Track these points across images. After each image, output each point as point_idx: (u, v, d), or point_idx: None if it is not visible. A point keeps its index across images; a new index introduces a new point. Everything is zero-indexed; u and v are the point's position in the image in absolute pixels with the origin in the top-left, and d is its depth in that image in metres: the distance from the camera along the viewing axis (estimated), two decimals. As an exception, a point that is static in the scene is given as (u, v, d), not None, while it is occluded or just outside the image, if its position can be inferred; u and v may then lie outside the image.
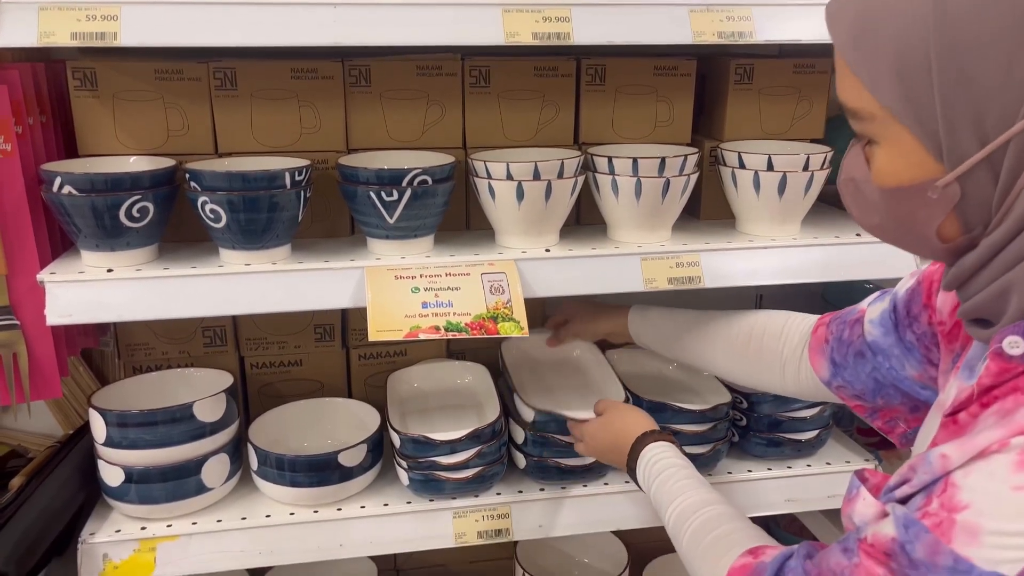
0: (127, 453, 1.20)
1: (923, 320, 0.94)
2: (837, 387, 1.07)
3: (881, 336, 0.99)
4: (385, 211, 1.17)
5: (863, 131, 0.74)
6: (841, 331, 1.06)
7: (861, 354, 1.02)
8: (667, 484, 1.06)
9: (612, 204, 1.26)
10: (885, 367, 0.99)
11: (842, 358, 1.05)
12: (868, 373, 1.01)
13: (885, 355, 0.99)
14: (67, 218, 1.11)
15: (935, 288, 0.92)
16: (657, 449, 1.12)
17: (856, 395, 1.05)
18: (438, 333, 1.14)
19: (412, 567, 1.61)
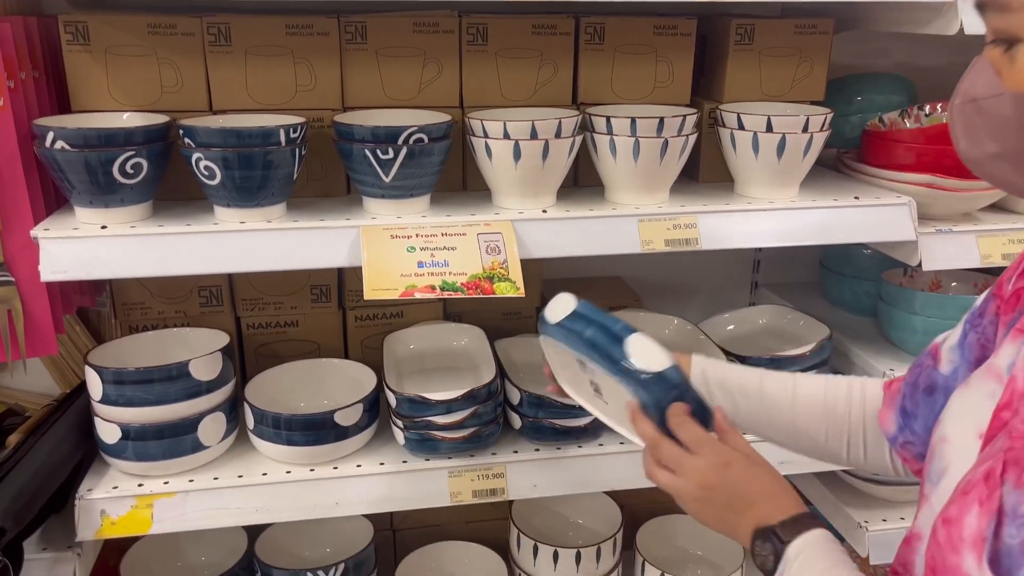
0: (123, 411, 1.21)
1: (990, 311, 0.84)
2: (903, 444, 0.93)
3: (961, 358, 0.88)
4: (381, 170, 1.16)
5: (1007, 26, 0.65)
6: (916, 376, 0.93)
7: (931, 390, 0.90)
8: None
9: (610, 165, 1.25)
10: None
11: (913, 405, 0.92)
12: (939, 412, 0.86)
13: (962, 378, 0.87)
14: (60, 174, 1.10)
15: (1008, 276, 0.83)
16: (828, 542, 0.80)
17: (921, 454, 0.90)
18: (434, 292, 1.13)
19: (408, 527, 1.62)
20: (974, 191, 1.32)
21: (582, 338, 0.91)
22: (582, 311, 0.93)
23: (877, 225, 1.30)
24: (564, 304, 0.95)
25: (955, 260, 1.33)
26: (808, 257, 1.85)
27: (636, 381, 0.87)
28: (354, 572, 1.40)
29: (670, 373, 0.87)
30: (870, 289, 1.64)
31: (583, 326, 0.92)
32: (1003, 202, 1.43)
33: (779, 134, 1.25)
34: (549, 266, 1.67)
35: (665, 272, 1.81)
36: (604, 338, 0.89)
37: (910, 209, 1.30)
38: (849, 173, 1.47)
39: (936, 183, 1.30)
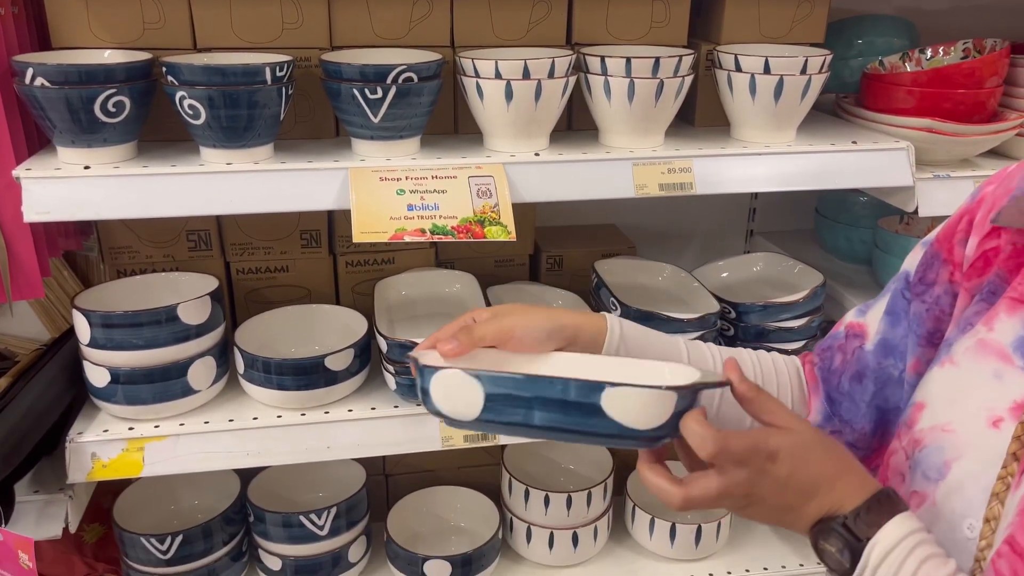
0: (112, 354, 1.20)
1: (942, 280, 0.79)
2: (829, 433, 0.87)
3: (891, 328, 0.83)
4: (369, 110, 1.14)
5: None
6: (830, 360, 0.89)
7: (859, 376, 0.86)
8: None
9: (604, 107, 1.23)
10: (896, 373, 0.83)
11: (836, 391, 0.88)
12: (868, 401, 0.85)
13: (895, 353, 0.83)
14: (41, 112, 1.08)
15: (959, 239, 0.79)
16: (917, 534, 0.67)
17: (852, 441, 0.87)
18: (423, 236, 1.12)
19: (400, 472, 1.63)
20: (973, 136, 1.30)
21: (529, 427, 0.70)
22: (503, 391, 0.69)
23: (874, 170, 1.28)
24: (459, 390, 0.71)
25: (952, 206, 1.28)
26: (804, 204, 1.83)
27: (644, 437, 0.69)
28: (346, 516, 1.41)
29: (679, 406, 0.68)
30: (865, 237, 1.63)
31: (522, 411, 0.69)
32: (1002, 148, 1.41)
33: (777, 76, 1.22)
34: (543, 214, 1.66)
35: (659, 219, 1.80)
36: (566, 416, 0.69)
37: (908, 154, 1.28)
38: (847, 118, 1.44)
39: (935, 127, 1.28)
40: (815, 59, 1.23)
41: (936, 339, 0.80)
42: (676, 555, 1.53)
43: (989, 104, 1.35)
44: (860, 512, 0.68)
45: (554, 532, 1.49)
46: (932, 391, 0.74)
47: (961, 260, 0.78)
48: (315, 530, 1.39)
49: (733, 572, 1.52)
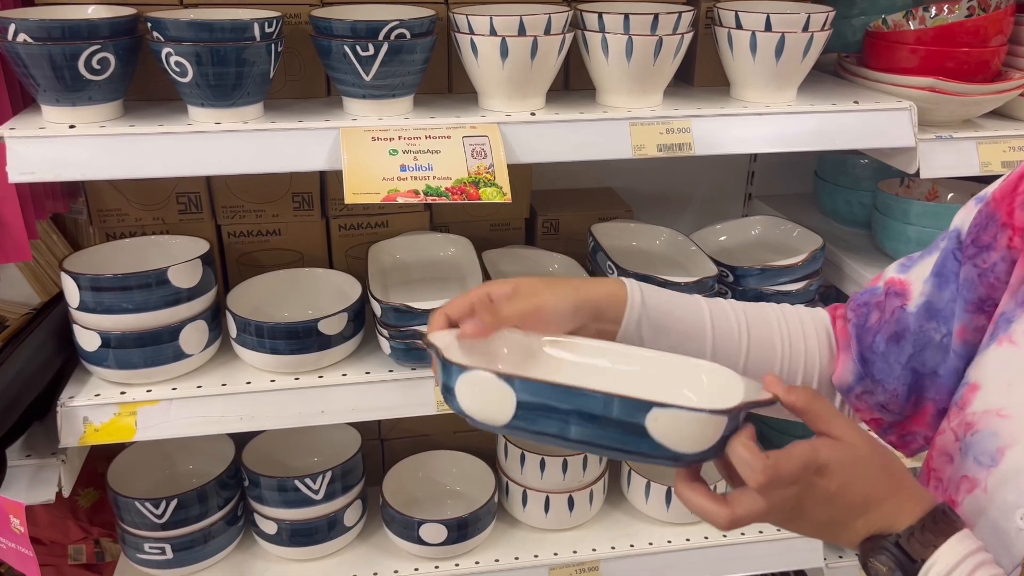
0: (102, 318, 1.18)
1: (999, 245, 0.74)
2: (860, 394, 0.84)
3: (937, 291, 0.78)
4: (361, 67, 1.11)
5: None
6: (865, 317, 0.84)
7: (897, 337, 0.81)
8: None
9: (601, 65, 1.20)
10: (937, 338, 0.78)
11: (870, 351, 0.83)
12: (905, 363, 0.81)
13: (940, 317, 0.78)
14: (25, 70, 1.05)
15: (1019, 202, 0.73)
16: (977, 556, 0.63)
17: (881, 403, 0.83)
18: (417, 197, 1.10)
19: (396, 436, 1.63)
20: (976, 95, 1.28)
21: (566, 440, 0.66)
22: (539, 401, 0.65)
23: (876, 131, 1.26)
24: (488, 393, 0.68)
25: (954, 168, 1.30)
26: (803, 167, 1.81)
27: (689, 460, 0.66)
28: (342, 480, 1.41)
29: (728, 428, 0.65)
30: (865, 200, 1.61)
31: (558, 423, 0.65)
32: (1005, 108, 1.39)
33: (778, 33, 1.19)
34: (539, 177, 1.64)
35: (657, 183, 1.77)
36: (605, 432, 0.65)
37: (910, 114, 1.26)
38: (849, 78, 1.42)
39: (938, 87, 1.26)
40: (817, 16, 1.20)
41: (987, 307, 0.74)
42: (672, 518, 1.53)
43: (993, 63, 1.32)
44: (915, 531, 0.64)
45: (550, 496, 1.49)
46: (988, 372, 0.70)
47: (1020, 225, 0.72)
48: (310, 494, 1.38)
49: (729, 535, 1.52)
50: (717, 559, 1.52)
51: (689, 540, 1.51)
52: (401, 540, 1.44)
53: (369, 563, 1.45)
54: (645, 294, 0.84)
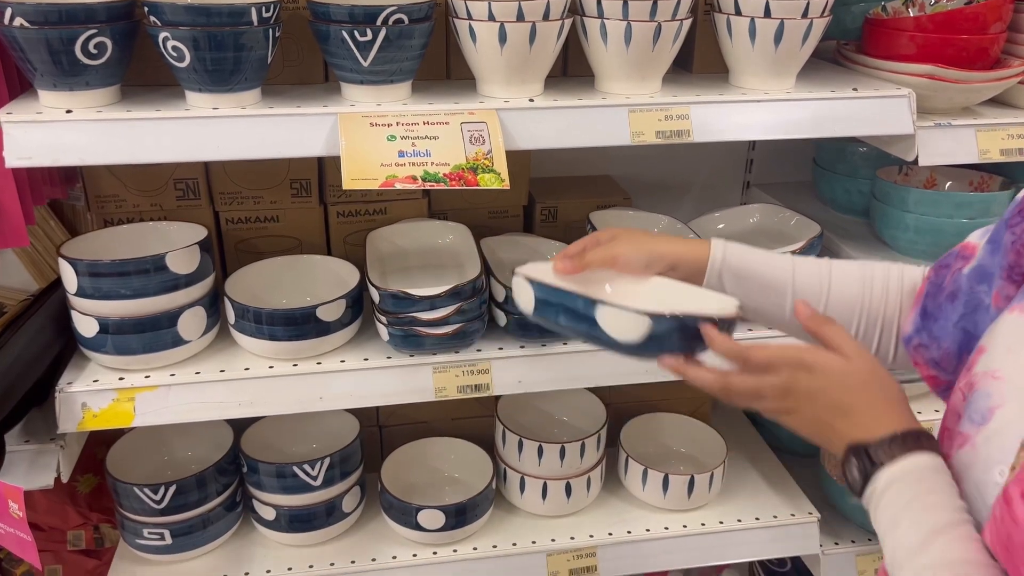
0: (100, 304, 1.18)
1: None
2: (917, 346, 0.87)
3: (989, 256, 0.80)
4: (359, 53, 1.11)
5: None
6: (943, 277, 0.86)
7: (953, 296, 0.83)
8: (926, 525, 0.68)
9: (600, 51, 1.20)
10: (987, 301, 0.79)
11: (935, 306, 0.85)
12: (956, 322, 0.82)
13: (989, 281, 0.79)
14: (21, 54, 1.05)
15: None
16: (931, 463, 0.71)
17: (935, 360, 0.85)
18: (415, 183, 1.10)
19: (394, 423, 1.63)
20: (976, 83, 1.28)
21: (561, 327, 0.90)
22: (542, 296, 0.90)
23: (875, 118, 1.26)
24: (524, 291, 0.92)
25: (952, 155, 1.30)
26: (801, 155, 1.81)
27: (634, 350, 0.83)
28: (340, 466, 1.41)
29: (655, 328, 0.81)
30: (863, 188, 1.61)
31: (554, 315, 0.89)
32: (1004, 96, 1.39)
33: (777, 20, 1.19)
34: (537, 164, 1.63)
35: (656, 171, 1.77)
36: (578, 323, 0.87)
37: (909, 101, 1.26)
38: (848, 65, 1.42)
39: (937, 74, 1.26)
40: (817, 2, 1.20)
41: (1015, 275, 0.76)
42: (669, 505, 1.54)
43: (992, 51, 1.32)
44: (886, 442, 0.71)
45: (547, 483, 1.49)
46: (995, 337, 0.72)
47: None
48: (309, 480, 1.39)
49: (725, 522, 1.53)
50: (713, 546, 1.53)
51: (686, 527, 1.52)
52: (399, 526, 1.44)
53: (367, 549, 1.46)
54: (728, 252, 0.96)
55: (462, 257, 1.44)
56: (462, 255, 1.44)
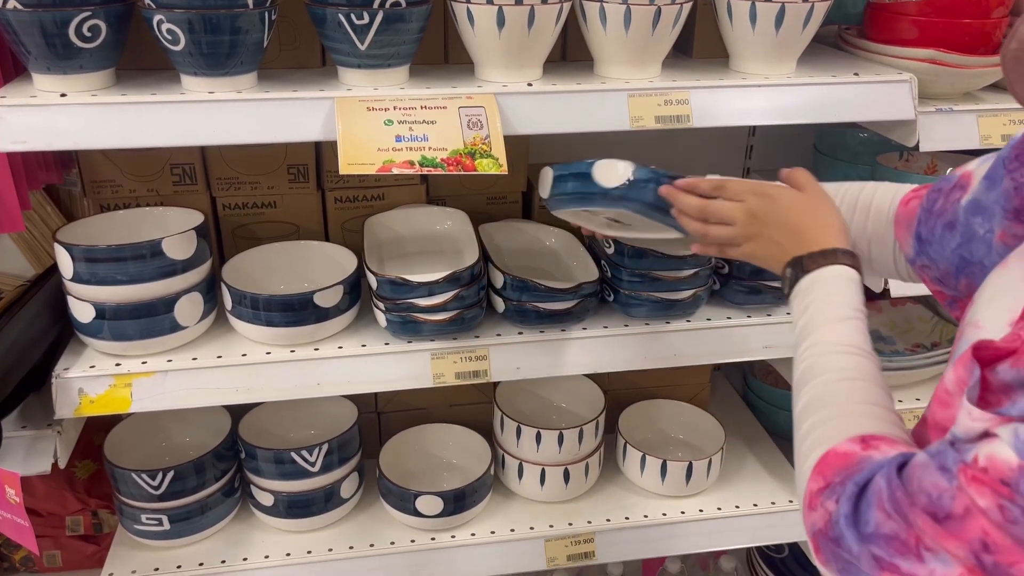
0: (96, 289, 1.18)
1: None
2: (921, 267, 0.93)
3: (985, 191, 0.83)
4: (356, 36, 1.10)
5: None
6: (934, 201, 0.91)
7: (951, 225, 0.88)
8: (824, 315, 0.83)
9: (599, 35, 1.19)
10: (981, 232, 0.83)
11: (929, 232, 0.91)
12: (954, 248, 0.87)
13: (985, 215, 0.83)
14: (15, 37, 1.04)
15: None
16: (843, 274, 0.85)
17: (938, 278, 0.91)
18: (412, 168, 1.09)
19: (392, 410, 1.63)
20: (977, 68, 1.27)
21: (569, 195, 1.11)
22: (558, 172, 1.11)
23: (876, 103, 1.25)
24: (547, 177, 1.13)
25: (954, 141, 1.29)
26: (801, 141, 1.80)
27: (621, 197, 1.07)
28: (338, 452, 1.41)
29: (638, 174, 1.06)
30: (864, 174, 1.60)
31: (563, 185, 1.10)
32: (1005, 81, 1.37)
33: (778, 3, 1.18)
34: (536, 150, 1.62)
35: (655, 157, 1.76)
36: (581, 184, 1.09)
37: (911, 86, 1.25)
38: (849, 50, 1.41)
39: (939, 59, 1.25)
40: (818, -14, 1.19)
41: (1022, 218, 0.79)
42: (667, 491, 1.54)
43: (995, 35, 1.31)
44: (816, 254, 0.87)
45: (545, 469, 1.49)
46: (983, 289, 0.75)
47: None
48: (307, 466, 1.39)
49: (723, 508, 1.53)
50: (711, 532, 1.53)
51: (684, 513, 1.52)
52: (397, 512, 1.45)
53: (366, 535, 1.46)
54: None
55: (460, 243, 1.43)
56: (460, 241, 1.43)
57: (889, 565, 0.60)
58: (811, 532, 0.70)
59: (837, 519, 0.65)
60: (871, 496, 0.63)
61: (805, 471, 0.73)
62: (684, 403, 1.68)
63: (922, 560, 0.58)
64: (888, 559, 0.60)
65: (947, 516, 0.56)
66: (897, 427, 0.74)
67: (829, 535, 0.66)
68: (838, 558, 0.65)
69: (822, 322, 0.82)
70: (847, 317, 0.82)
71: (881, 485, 0.63)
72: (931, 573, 0.57)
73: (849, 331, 0.81)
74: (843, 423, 0.74)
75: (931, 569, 0.57)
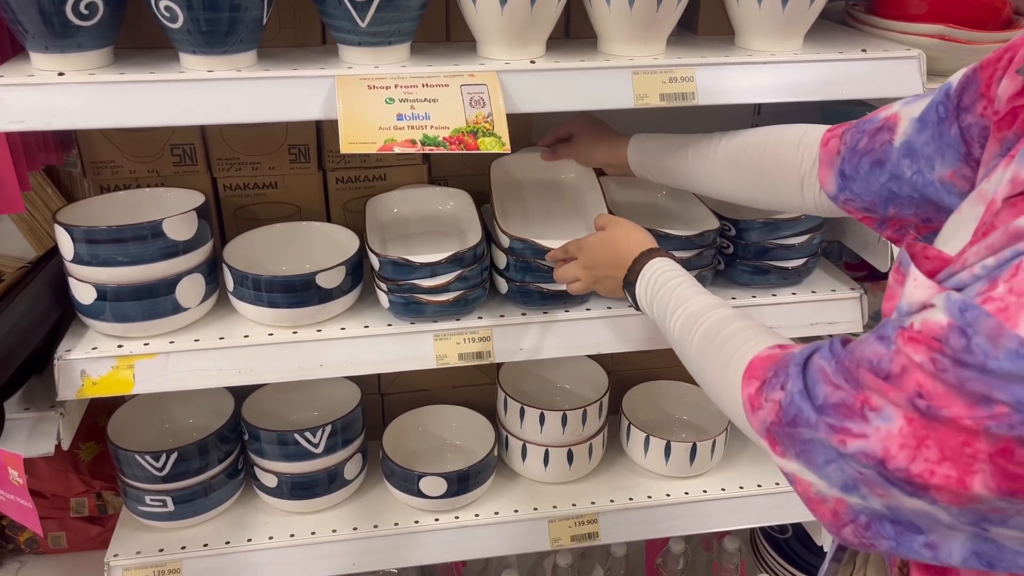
0: (97, 271, 1.17)
1: (975, 111, 0.82)
2: (844, 201, 1.00)
3: (916, 134, 0.89)
4: (356, 13, 1.08)
5: None
6: (857, 140, 0.97)
7: (880, 163, 0.93)
8: (672, 293, 1.00)
9: (603, 10, 1.17)
10: (908, 174, 0.90)
11: (852, 169, 0.97)
12: (883, 183, 0.93)
13: (914, 157, 0.89)
14: (12, 15, 1.02)
15: (997, 76, 0.80)
16: (661, 264, 1.06)
17: (865, 207, 0.98)
18: (414, 147, 1.08)
19: (395, 391, 1.62)
20: (987, 43, 1.25)
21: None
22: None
23: (884, 80, 1.23)
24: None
25: (962, 119, 1.27)
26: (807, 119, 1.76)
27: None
28: (342, 434, 1.41)
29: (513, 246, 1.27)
30: (870, 153, 1.58)
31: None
32: None
33: (785, -22, 1.16)
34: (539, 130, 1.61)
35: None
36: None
37: (919, 62, 1.23)
38: (857, 26, 1.39)
39: (948, 34, 1.23)
40: (825, -40, 1.17)
41: (971, 161, 0.83)
42: (671, 472, 1.54)
43: (1004, 11, 1.29)
44: (632, 267, 1.08)
45: (549, 450, 1.49)
46: (941, 235, 0.78)
47: (994, 97, 0.78)
48: (310, 448, 1.39)
49: (727, 488, 1.53)
50: (715, 512, 1.53)
51: (688, 493, 1.52)
52: (401, 493, 1.45)
53: (370, 516, 1.46)
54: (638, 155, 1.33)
55: (463, 224, 1.42)
56: (463, 222, 1.42)
57: (840, 429, 0.65)
58: (763, 430, 0.75)
59: (791, 399, 0.71)
60: (815, 373, 0.69)
61: (733, 385, 0.81)
62: (688, 384, 1.67)
63: (867, 420, 0.63)
64: (839, 424, 0.65)
65: (887, 375, 0.61)
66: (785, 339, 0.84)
67: (784, 421, 0.71)
68: (797, 440, 0.71)
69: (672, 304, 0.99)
70: (688, 289, 1.00)
71: (823, 361, 0.69)
72: (876, 430, 0.62)
73: (698, 298, 0.98)
74: (750, 342, 0.83)
75: (876, 427, 0.62)
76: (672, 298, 1.00)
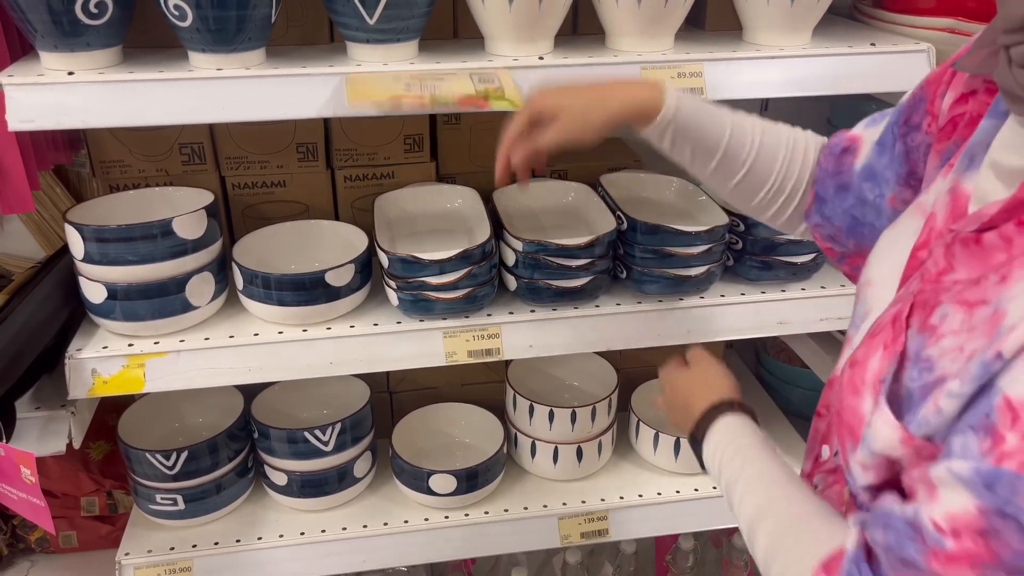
0: (107, 270, 1.17)
1: (922, 128, 0.81)
2: (814, 225, 0.97)
3: (877, 157, 0.87)
4: (364, 10, 1.08)
5: None
6: (828, 161, 0.95)
7: (845, 187, 0.92)
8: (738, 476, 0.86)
9: (611, 7, 1.17)
10: (871, 197, 0.88)
11: (824, 190, 0.95)
12: (847, 208, 0.91)
13: (876, 180, 0.87)
14: (21, 14, 1.03)
15: (941, 91, 0.78)
16: (724, 433, 0.90)
17: (830, 235, 0.96)
18: (422, 103, 1.05)
19: (404, 389, 1.63)
20: (998, 37, 1.24)
21: None
22: None
23: (893, 74, 1.23)
24: None
25: (972, 112, 1.27)
26: (815, 115, 1.77)
27: None
28: (351, 432, 1.41)
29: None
30: (879, 148, 1.58)
31: None
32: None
33: (794, -28, 1.16)
34: (546, 125, 1.60)
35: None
36: None
37: (928, 56, 1.22)
38: (866, 20, 1.38)
39: (958, 28, 1.23)
40: (834, -46, 1.17)
41: (912, 181, 0.83)
42: (680, 469, 1.54)
43: (1015, 4, 1.28)
44: (700, 421, 0.92)
45: (559, 447, 1.49)
46: (877, 250, 0.78)
47: (938, 113, 0.78)
48: (320, 446, 1.39)
49: (737, 485, 1.52)
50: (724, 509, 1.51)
51: (698, 490, 1.52)
52: (411, 491, 1.45)
53: (380, 513, 1.46)
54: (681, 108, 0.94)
55: (471, 221, 1.42)
56: (471, 219, 1.42)
57: None
58: None
59: None
60: None
61: None
62: (697, 381, 1.67)
63: None
64: None
65: None
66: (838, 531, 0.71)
67: None
68: None
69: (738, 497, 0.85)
70: (750, 459, 0.86)
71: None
72: None
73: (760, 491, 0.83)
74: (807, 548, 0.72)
75: None
76: (739, 482, 0.86)
